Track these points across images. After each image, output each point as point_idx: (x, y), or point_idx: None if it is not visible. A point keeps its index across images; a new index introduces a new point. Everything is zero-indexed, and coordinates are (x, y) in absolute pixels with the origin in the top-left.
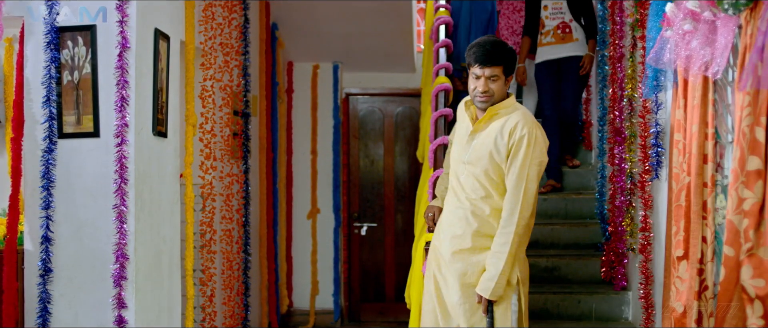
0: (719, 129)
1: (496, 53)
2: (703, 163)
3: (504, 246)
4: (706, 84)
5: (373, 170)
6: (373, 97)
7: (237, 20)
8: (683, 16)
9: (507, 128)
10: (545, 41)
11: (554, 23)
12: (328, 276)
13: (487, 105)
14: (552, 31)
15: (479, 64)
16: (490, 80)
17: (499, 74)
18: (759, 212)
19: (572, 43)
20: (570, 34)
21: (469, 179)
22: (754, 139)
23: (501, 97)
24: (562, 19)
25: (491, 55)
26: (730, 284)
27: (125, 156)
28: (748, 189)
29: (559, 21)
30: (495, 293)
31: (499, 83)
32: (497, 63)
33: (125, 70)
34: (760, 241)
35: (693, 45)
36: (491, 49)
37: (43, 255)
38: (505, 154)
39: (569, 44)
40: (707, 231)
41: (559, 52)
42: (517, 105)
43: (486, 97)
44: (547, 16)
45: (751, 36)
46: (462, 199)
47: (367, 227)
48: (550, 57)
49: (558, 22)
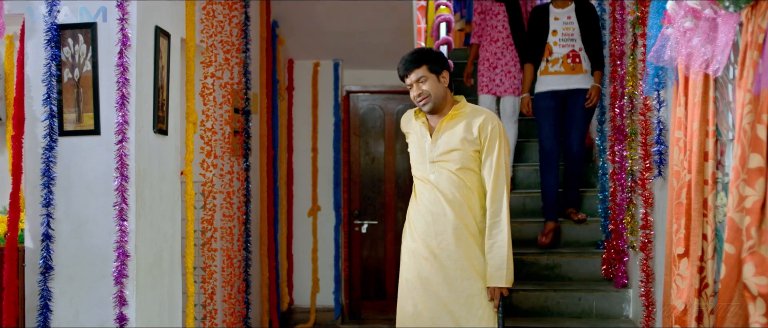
0: (720, 127)
1: (412, 59)
2: (704, 160)
3: (501, 234)
4: (706, 82)
5: (374, 168)
6: (373, 95)
7: (237, 18)
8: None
9: (475, 125)
10: (552, 70)
11: (564, 51)
12: (329, 274)
13: (431, 106)
14: (561, 59)
15: (403, 76)
16: (419, 82)
17: (425, 74)
18: (761, 210)
19: (582, 75)
20: (580, 65)
21: (442, 174)
22: (755, 136)
23: (441, 95)
24: (573, 47)
25: (408, 62)
26: (731, 282)
27: (126, 154)
28: (749, 186)
29: (570, 49)
30: (508, 279)
31: (430, 82)
32: (417, 65)
33: (126, 67)
34: (762, 238)
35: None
36: (408, 57)
37: (44, 253)
38: (477, 145)
39: (579, 76)
40: (708, 229)
41: (566, 84)
42: (476, 107)
43: (423, 98)
44: (555, 42)
45: (751, 34)
46: (436, 197)
47: (367, 225)
48: (555, 88)
49: (568, 51)
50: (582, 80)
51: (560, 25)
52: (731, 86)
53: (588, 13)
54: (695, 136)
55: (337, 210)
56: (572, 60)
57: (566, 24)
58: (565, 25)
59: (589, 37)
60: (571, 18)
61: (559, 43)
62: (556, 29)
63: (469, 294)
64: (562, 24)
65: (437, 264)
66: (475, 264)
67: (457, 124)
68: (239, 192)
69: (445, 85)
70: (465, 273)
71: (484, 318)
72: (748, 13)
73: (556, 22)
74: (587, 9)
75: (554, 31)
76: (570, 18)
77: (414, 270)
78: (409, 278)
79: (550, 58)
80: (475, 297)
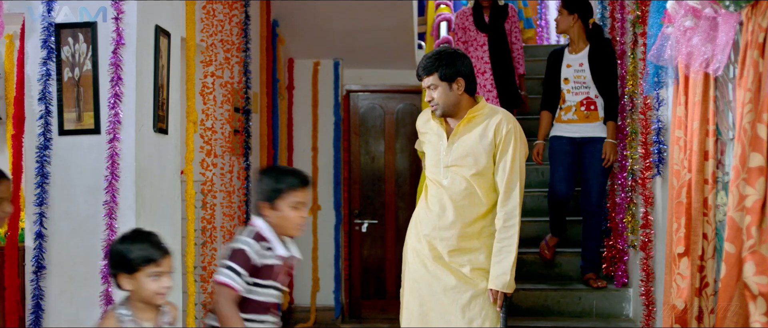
0: (720, 126)
1: (425, 65)
2: (704, 159)
3: (511, 239)
4: (707, 81)
5: (374, 167)
6: (373, 94)
7: (238, 17)
8: (684, 12)
9: (491, 127)
10: (566, 118)
11: (577, 99)
12: (329, 273)
13: (440, 113)
14: (575, 107)
15: (418, 78)
16: (430, 89)
17: (435, 82)
18: (761, 209)
19: (597, 123)
20: (595, 112)
21: (456, 179)
22: (756, 135)
23: (451, 103)
24: (587, 94)
25: (421, 67)
26: (731, 281)
27: (126, 153)
28: (749, 186)
29: (584, 96)
30: (511, 285)
31: (440, 90)
32: (428, 73)
33: (126, 67)
34: (763, 238)
35: (694, 42)
36: (423, 63)
37: (37, 252)
38: (493, 149)
39: (594, 124)
40: (708, 228)
41: (582, 132)
42: (494, 107)
43: (432, 105)
44: (568, 90)
45: (752, 33)
46: (447, 200)
47: (367, 224)
48: (570, 135)
49: (582, 98)
50: (598, 128)
51: (572, 73)
52: (731, 85)
53: (604, 56)
54: (695, 135)
55: (338, 209)
56: (586, 107)
57: (578, 71)
58: (577, 72)
59: (603, 83)
60: (583, 65)
61: (572, 91)
62: (567, 77)
63: (473, 295)
64: (574, 71)
65: (442, 264)
66: (479, 265)
67: (474, 128)
68: (239, 191)
69: (459, 93)
70: (469, 274)
71: (487, 318)
72: (749, 12)
73: (568, 69)
74: (603, 52)
75: (566, 78)
76: (582, 65)
77: (419, 270)
78: (414, 277)
79: (563, 106)
80: (479, 297)
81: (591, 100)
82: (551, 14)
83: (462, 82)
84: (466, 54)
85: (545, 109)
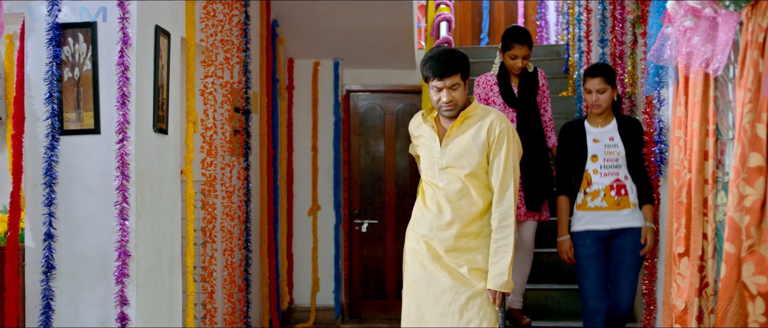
0: (720, 126)
1: (450, 63)
2: (704, 159)
3: (507, 239)
4: (707, 81)
5: (374, 167)
6: (373, 94)
7: (238, 17)
8: (684, 12)
9: (484, 127)
10: (592, 205)
11: (607, 181)
12: (329, 273)
13: (454, 113)
14: (604, 192)
15: (438, 77)
16: (451, 89)
17: (458, 81)
18: (760, 209)
19: (629, 210)
20: (626, 197)
21: (451, 180)
22: (755, 135)
23: (465, 102)
24: (617, 175)
25: (447, 65)
26: (731, 281)
27: (126, 153)
28: (749, 186)
29: (614, 178)
30: (509, 285)
31: (460, 90)
32: (454, 72)
33: (126, 66)
34: (762, 238)
35: (694, 42)
36: (445, 59)
37: (46, 252)
38: (486, 149)
39: (626, 211)
40: (708, 228)
41: (611, 222)
42: (486, 107)
43: (451, 106)
44: (596, 170)
45: (752, 33)
46: (443, 201)
47: (367, 224)
48: (596, 227)
49: (612, 181)
50: (630, 217)
51: (601, 149)
52: (731, 85)
53: (633, 130)
54: (695, 135)
55: (337, 209)
56: (617, 192)
57: (609, 147)
58: (608, 148)
59: (636, 161)
60: (614, 139)
61: (600, 171)
62: (596, 154)
63: (471, 295)
64: (604, 147)
65: (440, 265)
66: (477, 265)
67: (468, 129)
68: (239, 191)
69: (467, 93)
70: (467, 274)
71: (485, 318)
72: (748, 12)
73: (596, 145)
74: (632, 125)
75: (594, 156)
76: (613, 139)
77: (418, 271)
78: (412, 279)
79: (588, 190)
80: (477, 298)
81: (621, 182)
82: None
83: (468, 81)
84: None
85: (563, 194)
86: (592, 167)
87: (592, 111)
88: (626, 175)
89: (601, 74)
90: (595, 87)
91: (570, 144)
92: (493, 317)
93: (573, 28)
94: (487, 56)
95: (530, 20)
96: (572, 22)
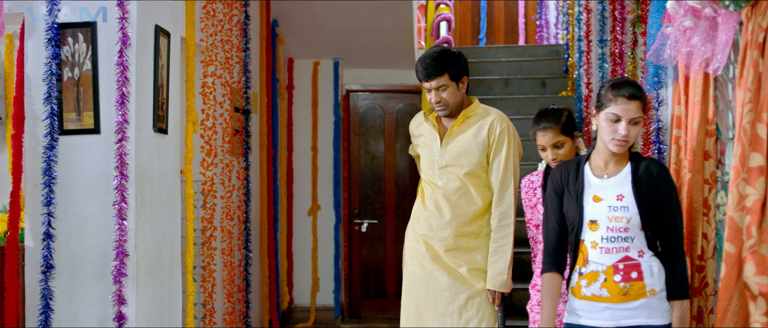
0: (720, 125)
1: (435, 66)
2: (704, 159)
3: (506, 239)
4: (706, 80)
5: (374, 167)
6: (373, 94)
7: (237, 17)
8: (684, 12)
9: (485, 127)
10: (588, 292)
11: (610, 260)
12: (329, 273)
13: (447, 112)
14: (605, 274)
15: (424, 79)
16: (439, 90)
17: (446, 82)
18: (761, 209)
19: (644, 301)
20: (640, 283)
21: (451, 180)
22: (756, 135)
23: (458, 102)
24: (626, 251)
25: (431, 68)
26: (731, 281)
27: (126, 153)
28: (749, 186)
29: (621, 255)
30: (508, 284)
31: (450, 90)
32: (439, 73)
33: (126, 66)
34: (763, 237)
35: (694, 41)
36: (430, 62)
37: (45, 252)
38: (486, 149)
39: (638, 303)
40: (708, 228)
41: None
42: (487, 107)
43: (440, 106)
44: (594, 242)
45: (752, 32)
46: (442, 200)
47: (367, 224)
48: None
49: (618, 259)
50: (646, 311)
51: (604, 213)
52: (731, 85)
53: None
54: (695, 135)
55: (337, 209)
56: (624, 276)
57: (615, 210)
58: (614, 212)
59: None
60: (624, 198)
61: (600, 245)
62: (595, 219)
63: (470, 295)
64: (608, 210)
65: (439, 264)
66: (476, 265)
67: (468, 128)
68: (239, 191)
69: (464, 91)
70: (466, 274)
71: (484, 318)
72: (748, 12)
73: (597, 205)
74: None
75: (593, 221)
76: (622, 198)
77: (417, 271)
78: (412, 279)
79: (584, 270)
80: (477, 297)
81: (632, 261)
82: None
83: (466, 81)
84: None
85: (554, 270)
86: (591, 237)
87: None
88: (642, 250)
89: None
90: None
91: (561, 195)
92: (492, 317)
93: (573, 28)
94: (487, 56)
95: (530, 20)
96: (572, 22)
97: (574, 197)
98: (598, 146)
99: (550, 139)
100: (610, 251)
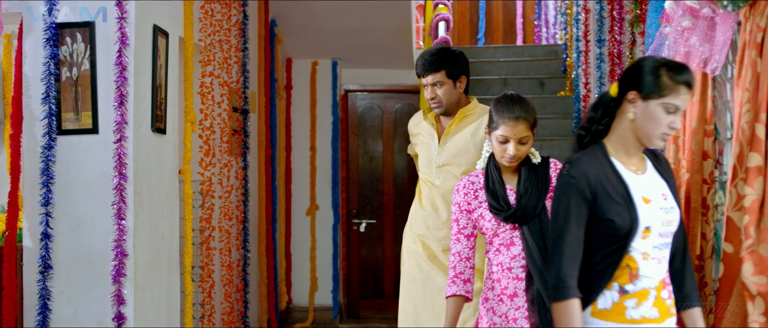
0: (718, 125)
1: (432, 62)
2: (702, 159)
3: None
4: (705, 80)
5: (372, 167)
6: (372, 94)
7: (236, 17)
8: (682, 12)
9: (482, 126)
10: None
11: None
12: (327, 273)
13: (441, 110)
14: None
15: (421, 73)
16: (435, 87)
17: (442, 79)
18: (759, 209)
19: (672, 320)
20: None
21: (448, 179)
22: (754, 135)
23: (454, 101)
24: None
25: (429, 63)
26: (730, 281)
27: (124, 153)
28: (748, 186)
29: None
30: None
31: (445, 88)
32: (436, 69)
33: (124, 66)
34: (761, 237)
35: (692, 41)
36: (429, 58)
37: (43, 252)
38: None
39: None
40: (706, 228)
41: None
42: (485, 106)
43: (435, 103)
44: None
45: (750, 32)
46: (439, 200)
47: (365, 224)
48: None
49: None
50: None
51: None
52: (729, 85)
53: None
54: (693, 135)
55: (336, 209)
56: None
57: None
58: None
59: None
60: (667, 197)
61: (651, 255)
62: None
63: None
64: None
65: (436, 265)
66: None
67: (466, 127)
68: (237, 191)
69: (461, 90)
70: None
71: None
72: (747, 12)
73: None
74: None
75: (647, 228)
76: (666, 197)
77: (414, 271)
78: (409, 279)
79: (631, 289)
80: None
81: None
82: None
83: (464, 81)
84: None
85: (573, 295)
86: (643, 247)
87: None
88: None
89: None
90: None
91: (591, 200)
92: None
93: (571, 28)
94: (485, 56)
95: (528, 20)
96: (570, 22)
97: (621, 200)
98: (622, 133)
99: (521, 132)
100: (661, 261)
